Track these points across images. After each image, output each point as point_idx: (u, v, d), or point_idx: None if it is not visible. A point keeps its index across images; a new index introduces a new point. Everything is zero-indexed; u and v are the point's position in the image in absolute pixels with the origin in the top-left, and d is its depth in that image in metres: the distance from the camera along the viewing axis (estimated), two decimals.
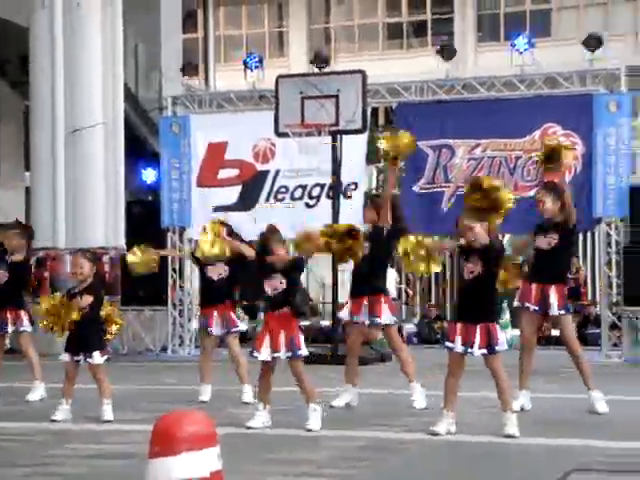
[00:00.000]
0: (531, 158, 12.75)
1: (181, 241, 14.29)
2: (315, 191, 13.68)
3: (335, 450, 5.96)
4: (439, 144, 13.15)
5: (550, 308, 7.27)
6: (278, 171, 13.83)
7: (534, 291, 7.29)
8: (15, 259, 8.53)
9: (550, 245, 7.26)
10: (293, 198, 13.77)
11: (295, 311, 6.66)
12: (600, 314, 13.37)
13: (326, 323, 15.29)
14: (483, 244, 6.29)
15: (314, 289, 20.16)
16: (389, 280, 9.49)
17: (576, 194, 11.83)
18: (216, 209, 13.86)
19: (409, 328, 16.42)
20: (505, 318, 13.70)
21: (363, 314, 7.80)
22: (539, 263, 7.33)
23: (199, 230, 8.30)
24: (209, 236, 7.35)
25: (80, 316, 6.98)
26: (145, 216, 14.40)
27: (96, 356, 7.10)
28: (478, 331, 6.25)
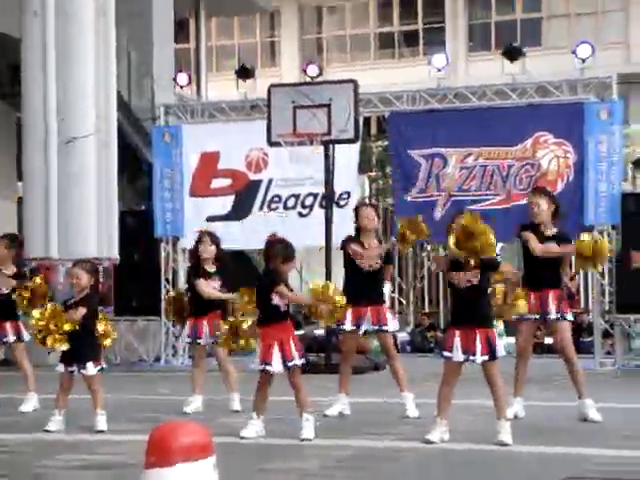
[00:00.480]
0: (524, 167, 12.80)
1: (174, 251, 14.28)
2: (308, 200, 13.70)
3: (329, 459, 5.96)
4: (431, 153, 13.18)
5: (549, 313, 7.29)
6: (271, 180, 13.85)
7: (532, 300, 7.30)
8: (7, 272, 8.50)
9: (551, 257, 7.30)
10: (286, 207, 13.78)
11: (294, 321, 6.70)
12: (593, 322, 13.40)
13: (320, 332, 15.28)
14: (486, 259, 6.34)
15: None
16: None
17: (568, 202, 11.92)
18: (209, 219, 13.87)
19: (402, 337, 16.42)
20: (499, 327, 13.71)
21: (366, 322, 7.80)
22: (535, 272, 7.34)
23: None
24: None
25: (74, 327, 6.99)
26: (138, 226, 14.38)
27: (90, 367, 7.10)
28: (478, 338, 6.25)
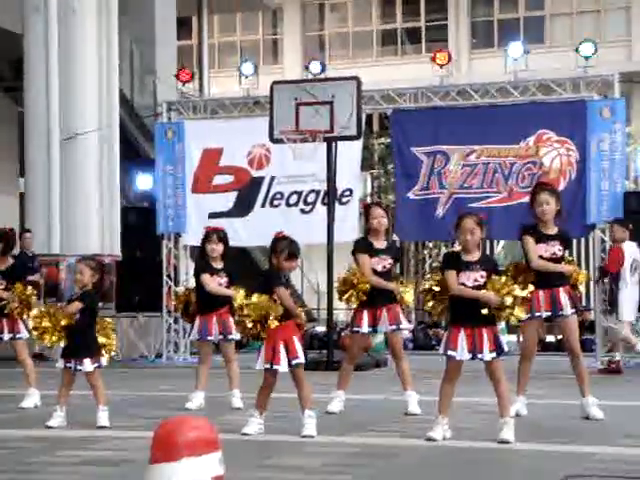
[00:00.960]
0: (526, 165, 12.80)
1: (176, 248, 14.29)
2: (310, 197, 13.70)
3: (330, 456, 5.96)
4: (433, 150, 13.17)
5: (562, 310, 7.28)
6: (273, 177, 13.84)
7: (543, 297, 7.28)
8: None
9: (556, 256, 7.28)
10: (288, 204, 13.78)
11: (311, 317, 6.71)
12: (595, 320, 13.39)
13: (321, 329, 15.29)
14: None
15: (309, 295, 20.16)
16: None
17: (571, 200, 11.91)
18: (211, 215, 13.87)
19: (404, 334, 16.41)
20: (501, 325, 13.72)
21: (383, 323, 7.78)
22: (544, 271, 7.31)
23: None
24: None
25: (70, 322, 7.00)
26: (140, 222, 14.38)
27: (87, 363, 7.09)
28: (486, 336, 6.24)
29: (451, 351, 6.29)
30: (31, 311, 8.17)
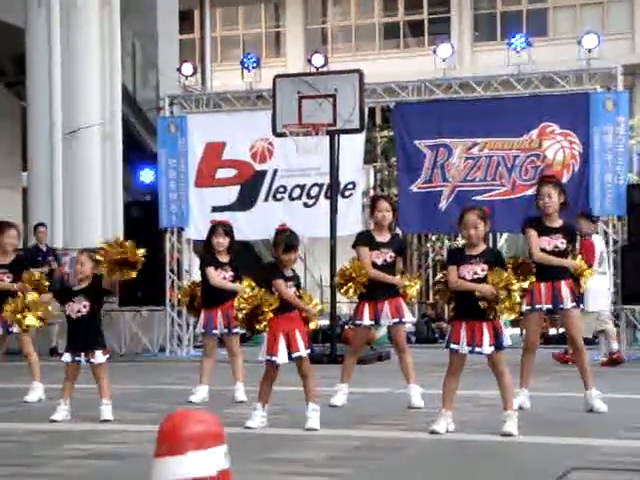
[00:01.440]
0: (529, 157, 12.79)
1: (179, 242, 14.29)
2: (313, 191, 13.69)
3: (333, 449, 5.96)
4: (436, 143, 13.16)
5: (563, 302, 7.28)
6: (276, 171, 13.84)
7: (544, 290, 7.28)
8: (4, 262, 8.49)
9: (559, 249, 7.27)
10: (291, 198, 13.78)
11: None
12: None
13: (324, 323, 15.29)
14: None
15: (312, 289, 20.17)
16: None
17: (574, 193, 11.90)
18: (214, 209, 13.88)
19: (407, 327, 16.41)
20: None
21: (385, 316, 7.77)
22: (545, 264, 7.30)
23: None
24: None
25: (80, 316, 7.04)
26: (143, 217, 14.38)
27: (99, 355, 7.13)
28: (485, 329, 6.25)
29: (454, 344, 6.30)
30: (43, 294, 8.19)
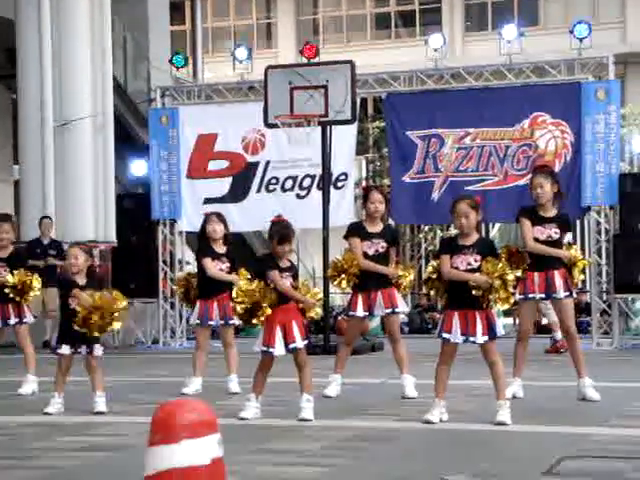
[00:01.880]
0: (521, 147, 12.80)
1: (172, 234, 14.28)
2: (306, 182, 13.69)
3: (327, 440, 5.98)
4: (428, 134, 13.16)
5: (556, 292, 7.29)
6: (268, 162, 13.83)
7: (538, 279, 7.30)
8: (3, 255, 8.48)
9: (552, 239, 7.28)
10: (284, 189, 13.78)
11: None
12: (590, 302, 13.43)
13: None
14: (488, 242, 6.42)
15: (305, 280, 20.14)
16: None
17: (566, 182, 11.91)
18: (206, 201, 13.86)
19: (401, 318, 16.45)
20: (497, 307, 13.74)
21: (378, 307, 7.77)
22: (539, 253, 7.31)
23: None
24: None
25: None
26: (135, 208, 14.36)
27: (97, 348, 7.17)
28: (479, 318, 6.26)
29: (445, 334, 6.31)
30: (29, 295, 8.22)
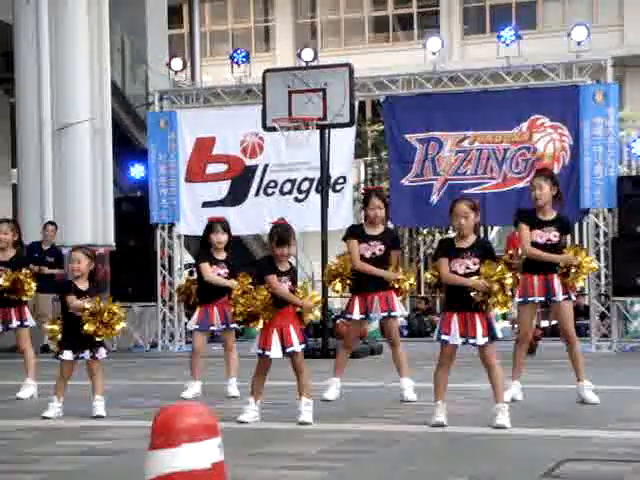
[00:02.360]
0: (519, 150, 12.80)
1: (170, 237, 14.27)
2: (304, 185, 13.69)
3: (326, 443, 5.97)
4: (427, 137, 13.16)
5: (555, 295, 7.29)
6: (267, 166, 13.83)
7: (537, 282, 7.28)
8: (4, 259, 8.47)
9: (551, 242, 7.27)
10: (282, 193, 13.77)
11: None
12: (589, 305, 13.42)
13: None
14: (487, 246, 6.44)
15: (304, 283, 20.13)
16: None
17: (564, 185, 11.91)
18: (205, 204, 13.86)
19: (399, 321, 16.43)
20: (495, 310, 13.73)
21: (375, 310, 7.75)
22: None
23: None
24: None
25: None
26: (134, 212, 14.35)
27: (102, 351, 7.19)
28: (478, 320, 6.26)
29: (445, 336, 6.31)
30: (26, 290, 8.20)
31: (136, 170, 15.59)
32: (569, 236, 9.37)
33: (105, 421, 7.01)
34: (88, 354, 7.13)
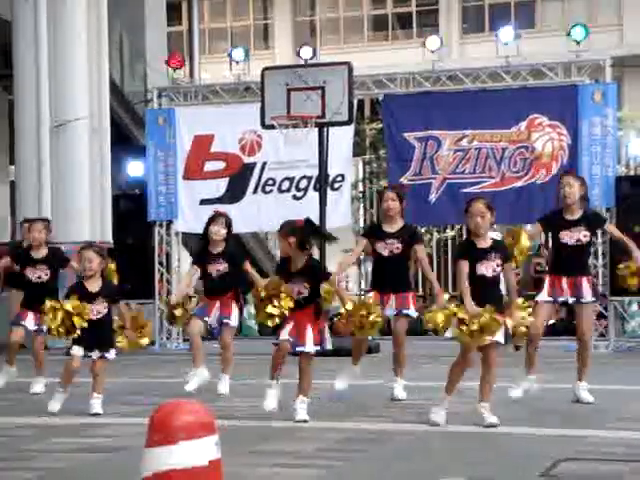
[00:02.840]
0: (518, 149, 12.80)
1: (168, 234, 14.26)
2: (302, 183, 13.69)
3: (323, 441, 5.97)
4: (425, 135, 13.17)
5: (583, 297, 7.28)
6: (265, 163, 13.83)
7: (566, 284, 7.26)
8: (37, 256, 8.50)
9: (581, 242, 7.23)
10: (280, 190, 13.77)
11: (319, 310, 6.66)
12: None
13: None
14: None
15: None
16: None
17: None
18: (203, 202, 13.86)
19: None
20: None
21: (389, 309, 7.68)
22: (568, 258, 7.25)
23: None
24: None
25: (100, 317, 7.07)
26: (132, 209, 14.35)
27: (112, 352, 7.19)
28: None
29: None
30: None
31: (134, 167, 15.58)
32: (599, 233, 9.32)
33: (104, 418, 7.01)
34: (97, 353, 7.09)
